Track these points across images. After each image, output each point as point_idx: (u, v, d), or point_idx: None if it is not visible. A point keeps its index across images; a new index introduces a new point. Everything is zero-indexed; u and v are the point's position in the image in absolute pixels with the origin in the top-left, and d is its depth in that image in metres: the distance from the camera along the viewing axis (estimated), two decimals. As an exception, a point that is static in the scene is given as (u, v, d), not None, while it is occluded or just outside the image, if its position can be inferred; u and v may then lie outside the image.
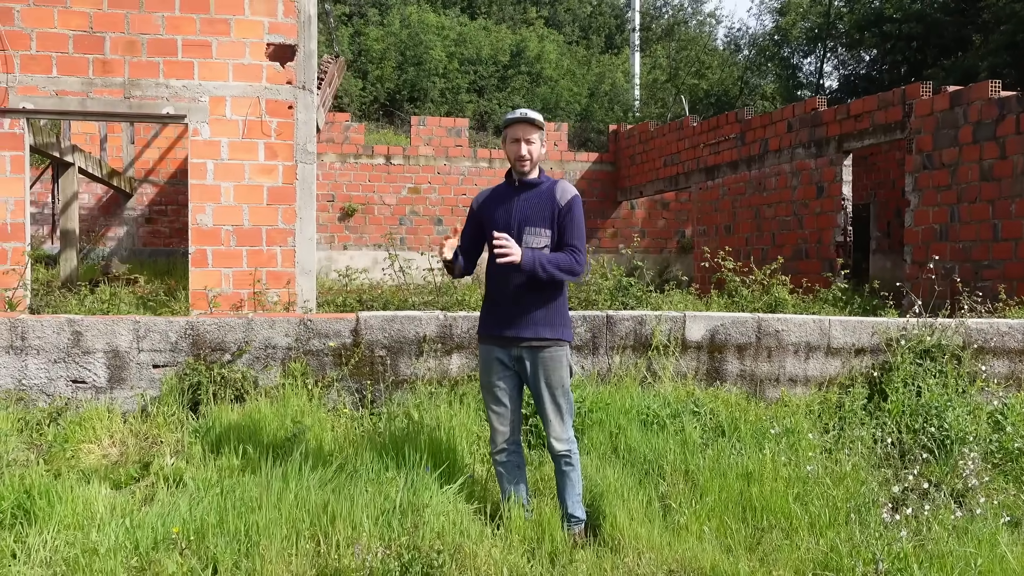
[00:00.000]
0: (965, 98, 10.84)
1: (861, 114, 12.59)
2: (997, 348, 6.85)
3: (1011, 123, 10.14)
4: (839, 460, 5.38)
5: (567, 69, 33.77)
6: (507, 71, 32.20)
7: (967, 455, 5.12)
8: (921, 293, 8.82)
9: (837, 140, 13.02)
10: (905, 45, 21.49)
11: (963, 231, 10.80)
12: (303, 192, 8.96)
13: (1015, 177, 10.08)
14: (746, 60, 32.46)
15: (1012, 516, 4.76)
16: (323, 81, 10.92)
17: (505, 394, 4.26)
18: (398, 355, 5.89)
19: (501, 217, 4.22)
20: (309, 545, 3.77)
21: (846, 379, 6.59)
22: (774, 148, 14.52)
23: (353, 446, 4.99)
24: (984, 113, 10.51)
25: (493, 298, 4.27)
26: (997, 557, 4.18)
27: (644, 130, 19.57)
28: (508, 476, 4.34)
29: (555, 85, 32.37)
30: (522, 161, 4.19)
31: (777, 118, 14.59)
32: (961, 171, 10.82)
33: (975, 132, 10.64)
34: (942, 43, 20.77)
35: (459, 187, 19.88)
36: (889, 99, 12.14)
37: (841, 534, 4.35)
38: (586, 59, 35.76)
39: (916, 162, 11.56)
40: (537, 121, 4.14)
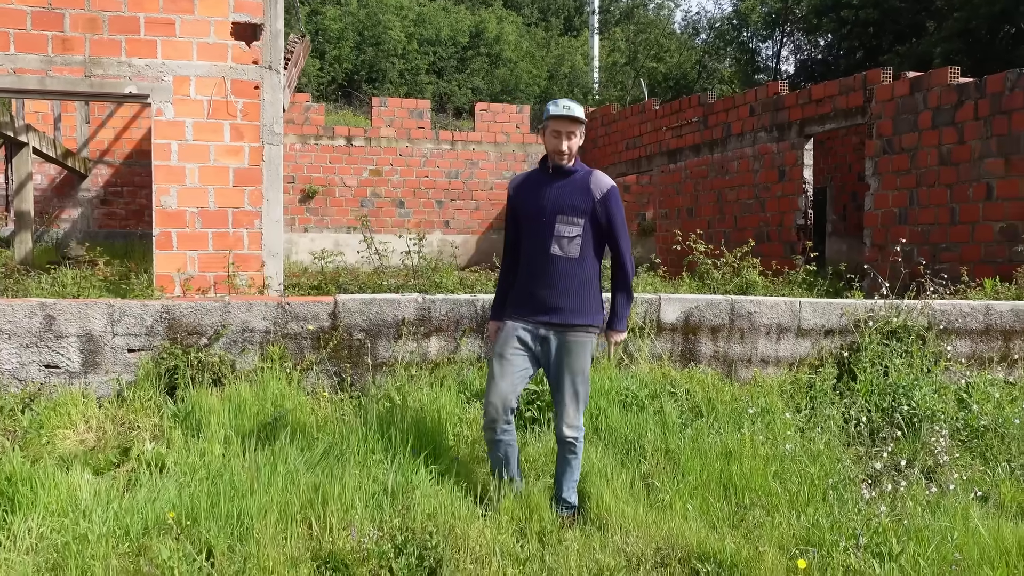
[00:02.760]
0: (925, 84, 11.05)
1: (823, 99, 12.77)
2: (960, 329, 7.03)
3: (969, 109, 10.36)
4: (812, 439, 5.50)
5: (526, 51, 33.73)
6: (466, 52, 32.05)
7: (938, 433, 5.27)
8: (881, 276, 9.00)
9: (799, 124, 13.19)
10: (862, 30, 21.80)
11: (922, 215, 11.03)
12: (270, 174, 8.85)
13: (973, 162, 10.31)
14: (704, 44, 32.66)
15: (980, 491, 4.91)
16: (289, 61, 10.77)
17: (513, 369, 4.21)
18: (377, 338, 5.87)
19: (534, 204, 4.24)
20: (302, 528, 3.76)
21: (816, 359, 6.72)
22: (736, 132, 14.67)
23: (337, 429, 4.97)
24: (943, 99, 10.72)
25: (528, 282, 4.25)
26: (970, 530, 4.32)
27: (607, 113, 19.63)
28: (499, 451, 4.32)
29: (514, 67, 32.32)
30: (560, 155, 4.20)
31: (739, 102, 14.73)
32: (920, 156, 11.05)
33: (934, 117, 10.86)
34: (898, 29, 21.11)
35: (421, 169, 19.80)
36: (850, 84, 12.33)
37: (821, 510, 4.45)
38: (545, 41, 35.73)
39: (876, 147, 11.77)
40: (581, 118, 4.14)
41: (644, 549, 4.02)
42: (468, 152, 20.14)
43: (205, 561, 3.50)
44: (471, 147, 20.19)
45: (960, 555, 3.99)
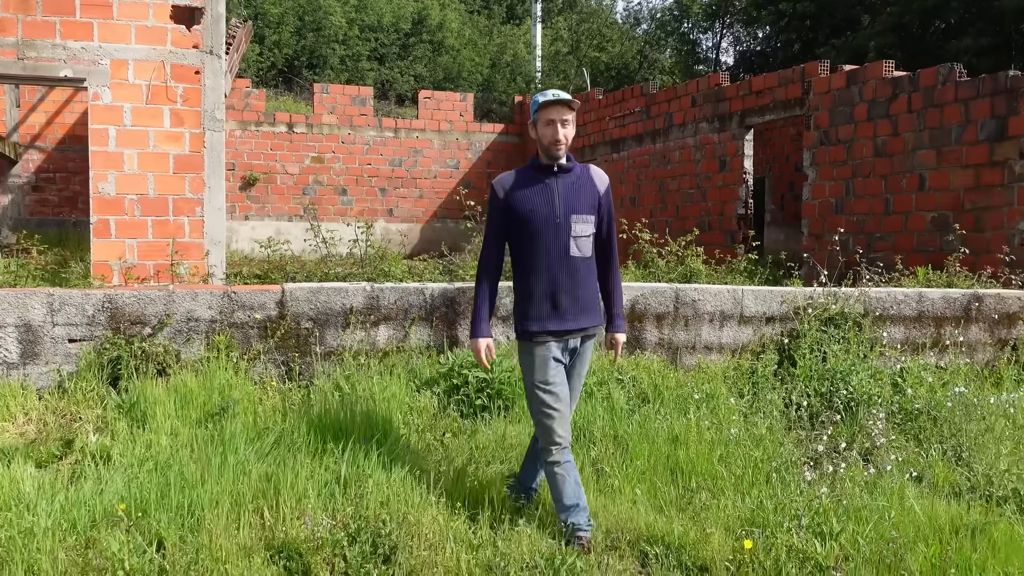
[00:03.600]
0: (861, 77, 11.32)
1: (763, 90, 13.00)
2: (895, 316, 7.26)
3: (903, 102, 10.66)
4: (755, 423, 5.63)
5: (469, 39, 33.60)
6: (408, 39, 31.80)
7: (875, 416, 5.44)
8: (818, 264, 9.23)
9: (740, 115, 13.41)
10: (799, 23, 22.21)
11: (857, 205, 11.32)
12: (211, 160, 8.70)
13: (906, 154, 10.61)
14: (645, 34, 32.93)
15: (915, 471, 5.09)
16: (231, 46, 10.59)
17: (564, 390, 4.01)
18: (325, 327, 5.84)
19: (542, 206, 3.97)
20: (254, 518, 3.74)
21: (757, 346, 6.87)
22: (678, 122, 14.85)
23: (286, 419, 4.95)
24: (878, 92, 11.00)
25: (546, 291, 3.98)
26: (906, 509, 4.48)
27: (550, 102, 19.68)
28: (568, 485, 4.04)
29: (457, 54, 32.18)
30: (558, 145, 3.95)
31: (682, 93, 14.91)
32: (856, 147, 11.33)
33: (870, 110, 11.14)
34: (833, 22, 21.56)
35: (364, 157, 19.63)
36: (789, 76, 12.57)
37: (765, 492, 4.57)
38: (488, 29, 35.64)
39: (814, 138, 12.03)
40: (573, 103, 3.94)
41: (595, 533, 4.09)
42: (412, 140, 20.03)
43: (156, 553, 3.47)
44: (415, 135, 20.08)
45: (896, 533, 4.13)
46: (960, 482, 5.10)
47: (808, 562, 3.88)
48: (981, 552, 4.03)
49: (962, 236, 9.40)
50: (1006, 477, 5.04)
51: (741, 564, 3.84)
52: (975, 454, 5.42)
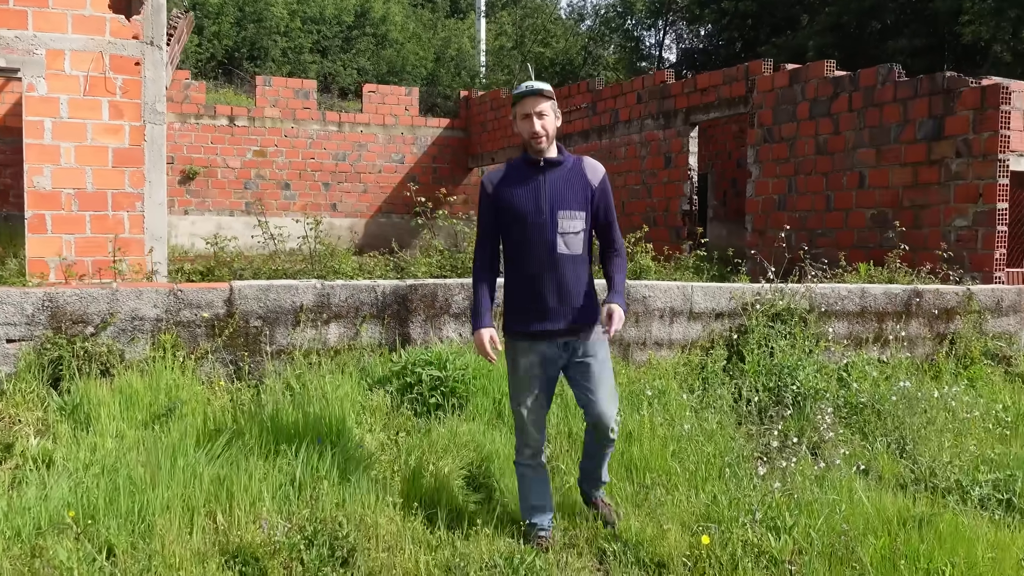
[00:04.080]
0: (803, 76, 11.52)
1: (707, 88, 13.16)
2: (839, 311, 7.40)
3: (844, 101, 10.87)
4: (706, 418, 5.69)
5: (413, 32, 33.37)
6: (351, 32, 31.46)
7: (823, 411, 5.53)
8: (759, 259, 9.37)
9: (685, 112, 13.55)
10: (741, 22, 22.54)
11: (800, 201, 11.53)
12: (152, 154, 8.48)
13: (847, 152, 10.83)
14: (589, 30, 33.09)
15: (862, 465, 5.20)
16: (172, 37, 10.33)
17: (545, 391, 3.99)
18: (275, 325, 5.73)
19: (528, 201, 3.85)
20: (207, 522, 3.66)
21: (707, 342, 6.94)
22: (624, 119, 14.95)
23: (236, 419, 4.84)
24: (820, 91, 11.21)
25: (533, 289, 3.90)
26: (855, 502, 4.57)
27: (496, 97, 19.68)
28: (538, 487, 4.07)
29: (401, 48, 31.94)
30: (537, 138, 3.82)
31: (627, 89, 15.01)
32: (799, 145, 11.53)
33: (812, 108, 11.34)
34: (774, 21, 21.92)
35: (307, 151, 19.37)
36: (733, 75, 12.74)
37: (718, 487, 4.62)
38: (432, 23, 35.44)
39: (758, 135, 12.21)
40: (546, 91, 3.82)
41: (552, 531, 4.09)
42: (356, 134, 19.82)
43: (106, 561, 3.36)
44: (359, 129, 19.87)
45: (847, 526, 4.21)
46: (905, 474, 5.22)
47: (763, 556, 3.93)
48: (928, 543, 4.13)
49: (901, 233, 9.62)
50: (949, 469, 5.17)
51: (698, 560, 3.88)
52: (918, 447, 5.56)
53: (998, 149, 9.04)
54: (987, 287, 8.27)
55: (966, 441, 5.61)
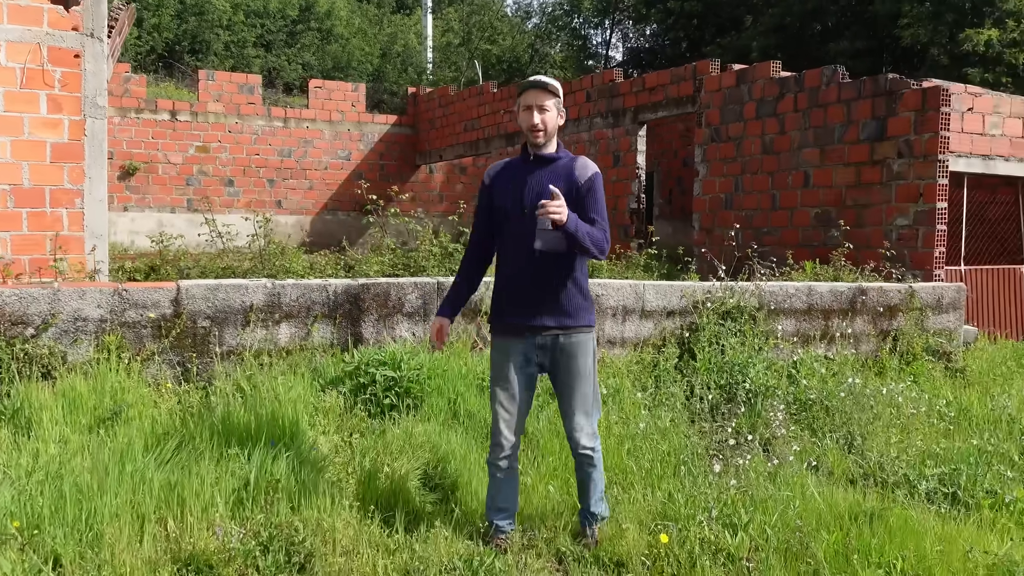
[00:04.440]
0: (750, 76, 11.67)
1: (656, 87, 13.25)
2: (787, 309, 7.51)
3: (790, 101, 11.04)
4: (659, 416, 5.72)
5: (358, 27, 33.06)
6: (296, 26, 31.03)
7: (775, 408, 5.60)
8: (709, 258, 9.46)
9: (633, 111, 13.64)
10: (687, 22, 22.77)
11: (746, 200, 11.68)
12: (92, 149, 8.24)
13: (792, 151, 11.01)
14: (536, 28, 33.13)
15: (813, 461, 5.28)
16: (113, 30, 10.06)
17: (522, 390, 3.91)
18: (224, 325, 5.61)
19: (514, 196, 3.84)
20: (158, 530, 3.56)
21: (659, 340, 6.99)
22: (573, 117, 14.99)
23: (185, 422, 4.73)
24: (766, 91, 11.37)
25: (512, 285, 3.88)
26: (807, 498, 4.63)
27: (444, 94, 19.58)
28: (506, 488, 4.02)
29: (346, 43, 31.62)
30: (535, 131, 3.78)
31: (576, 88, 15.05)
32: (745, 144, 11.68)
33: (758, 108, 11.50)
34: (719, 22, 22.19)
35: (252, 147, 19.06)
36: (681, 74, 12.85)
37: (673, 485, 4.65)
38: (378, 18, 35.16)
39: (705, 135, 12.34)
40: (551, 86, 3.77)
41: (511, 533, 4.06)
42: (302, 130, 19.56)
43: (52, 572, 3.25)
44: (305, 125, 19.62)
45: (801, 522, 4.27)
46: (854, 470, 5.31)
47: (720, 553, 3.96)
48: (879, 537, 4.20)
49: (845, 231, 9.80)
50: (896, 463, 5.27)
51: (657, 558, 3.89)
52: (867, 442, 5.66)
53: (938, 150, 9.26)
54: (928, 285, 8.47)
55: (912, 436, 5.73)
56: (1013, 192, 10.46)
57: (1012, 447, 5.71)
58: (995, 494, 4.95)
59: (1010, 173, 10.11)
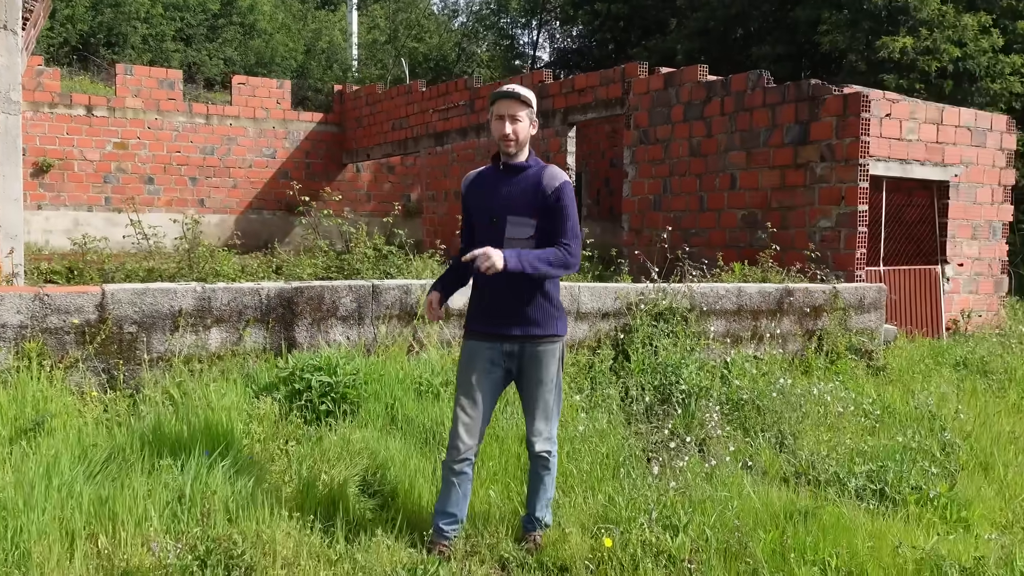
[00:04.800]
0: (677, 80, 11.84)
1: (585, 88, 13.35)
2: (718, 310, 7.63)
3: (716, 105, 11.24)
4: (596, 418, 5.76)
5: (282, 23, 32.54)
6: (217, 20, 30.37)
7: (711, 408, 5.69)
8: (634, 259, 9.57)
9: (563, 113, 13.71)
10: (613, 24, 22.99)
11: (674, 202, 11.85)
12: (7, 146, 7.91)
13: (719, 154, 11.21)
14: (463, 27, 33.06)
15: (747, 460, 5.38)
16: (27, 22, 9.66)
17: (484, 397, 3.93)
18: (151, 331, 5.44)
19: (483, 203, 3.89)
20: (89, 546, 3.42)
21: (593, 342, 7.03)
22: (502, 117, 14.98)
23: (112, 433, 4.56)
24: (694, 94, 11.55)
25: (482, 290, 3.94)
26: (744, 498, 4.72)
27: (372, 92, 19.39)
28: (456, 493, 3.98)
29: (270, 39, 31.09)
30: (507, 140, 3.83)
31: (505, 88, 15.05)
32: (673, 147, 11.85)
33: (686, 111, 11.68)
34: (645, 24, 22.48)
35: (172, 144, 18.56)
36: (611, 76, 12.97)
37: (613, 487, 4.67)
38: (302, 14, 34.67)
39: (634, 137, 12.48)
40: (525, 97, 3.82)
41: (455, 540, 4.04)
42: (225, 127, 19.12)
43: (-24, 594, 3.10)
44: (228, 122, 19.19)
45: (739, 521, 4.34)
46: (787, 468, 5.43)
47: (662, 555, 4.00)
48: (814, 535, 4.30)
49: (772, 233, 10.02)
50: (827, 462, 5.41)
51: (601, 562, 3.91)
52: (797, 441, 5.79)
53: (859, 154, 9.54)
54: (851, 285, 8.71)
55: (842, 435, 5.88)
56: (928, 195, 10.84)
57: (934, 443, 5.90)
58: (920, 490, 5.12)
59: (926, 177, 10.47)
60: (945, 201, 10.71)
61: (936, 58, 15.29)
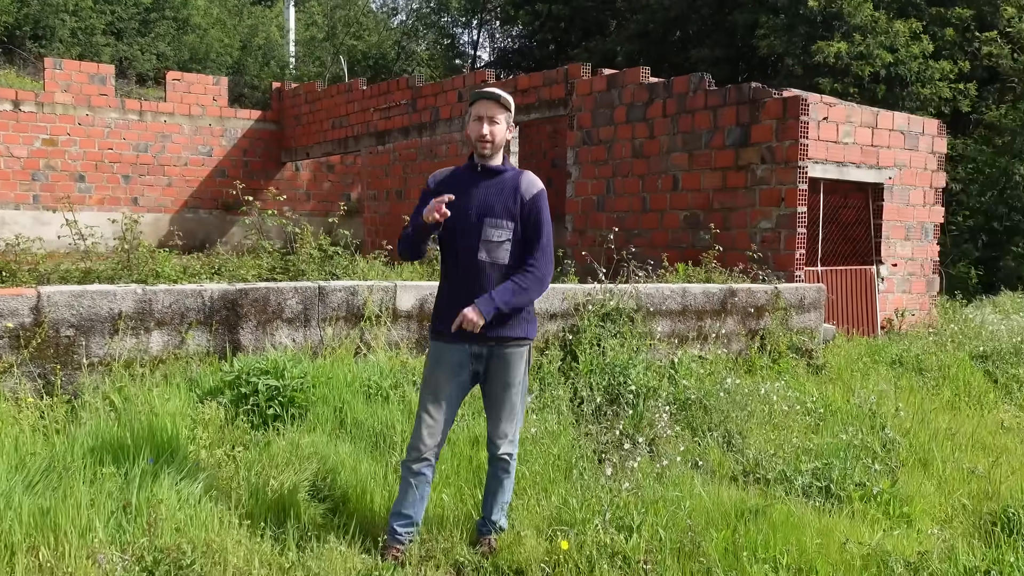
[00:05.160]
0: (620, 81, 11.92)
1: (528, 89, 13.36)
2: (663, 310, 7.70)
3: (659, 107, 11.35)
4: (546, 420, 5.76)
5: (217, 18, 31.88)
6: (150, 14, 29.60)
7: (661, 408, 5.73)
8: (589, 260, 9.61)
9: (506, 112, 13.70)
10: (554, 25, 23.07)
11: (618, 202, 11.93)
12: (-68, 142, 7.61)
13: (661, 155, 11.31)
14: (402, 25, 32.85)
15: (696, 460, 5.43)
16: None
17: (449, 400, 3.94)
18: (90, 334, 5.26)
19: (460, 204, 3.85)
20: (31, 560, 3.29)
21: (542, 342, 7.03)
22: (445, 116, 14.93)
23: (50, 440, 4.40)
24: (636, 96, 11.64)
25: (452, 293, 3.93)
26: (694, 497, 4.76)
27: (311, 90, 19.13)
28: (419, 489, 3.96)
29: (204, 34, 30.42)
30: (484, 142, 3.85)
31: (448, 87, 15.00)
32: (616, 148, 11.93)
33: (628, 113, 11.76)
34: (585, 26, 22.60)
35: (104, 140, 18.03)
36: (554, 77, 13.00)
37: (566, 489, 4.67)
38: (237, 9, 34.01)
39: (577, 137, 12.53)
40: (504, 100, 3.86)
41: (409, 545, 3.99)
42: (159, 124, 18.66)
43: (-90, 613, 2.95)
44: (162, 119, 18.72)
45: (691, 521, 4.38)
46: (735, 467, 5.50)
47: (617, 556, 4.01)
48: (765, 533, 4.36)
49: (715, 234, 10.15)
50: (773, 460, 5.49)
51: (557, 564, 3.90)
52: (744, 440, 5.87)
53: (798, 157, 9.71)
54: (792, 286, 8.88)
55: (788, 433, 5.98)
56: (863, 197, 11.09)
57: (875, 440, 6.05)
58: (864, 486, 5.23)
59: (861, 179, 10.72)
60: (880, 203, 10.97)
61: (869, 63, 15.67)
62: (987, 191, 15.78)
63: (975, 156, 16.36)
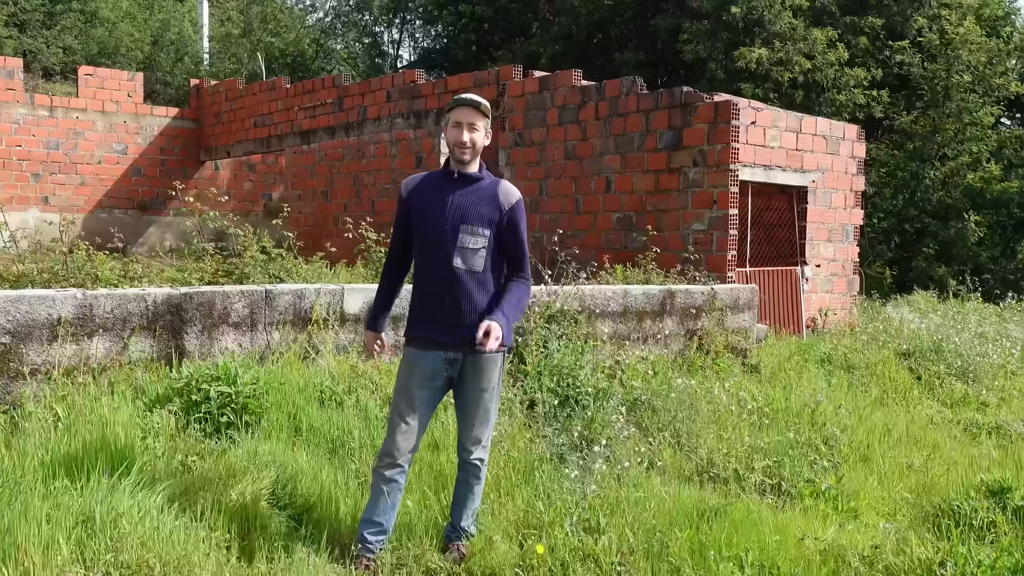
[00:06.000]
0: (552, 84, 11.99)
1: (458, 90, 13.31)
2: (606, 312, 7.77)
3: (591, 109, 11.46)
4: (501, 423, 5.74)
5: (127, 11, 30.81)
6: (55, 7, 28.43)
7: (616, 409, 5.78)
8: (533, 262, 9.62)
9: (436, 113, 13.64)
10: (477, 25, 23.06)
11: (551, 204, 12.00)
12: None
13: (594, 158, 11.43)
14: (321, 23, 32.36)
15: (657, 461, 5.49)
16: None
17: (424, 405, 3.91)
18: (27, 341, 5.02)
19: (435, 212, 3.86)
20: (-10, 582, 3.12)
21: (489, 345, 7.00)
22: (373, 116, 14.78)
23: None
24: (569, 99, 11.73)
25: (428, 298, 3.90)
26: (656, 497, 4.82)
27: (232, 88, 18.69)
28: (390, 496, 3.91)
29: (113, 28, 29.37)
30: (463, 148, 3.84)
31: (376, 87, 14.84)
32: (549, 150, 12.00)
33: (561, 115, 11.84)
34: (509, 27, 22.67)
35: (12, 137, 17.26)
36: (485, 78, 13.00)
37: (530, 492, 4.67)
38: (148, 3, 32.93)
39: (509, 139, 12.56)
40: (483, 106, 3.85)
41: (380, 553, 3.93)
42: (71, 120, 17.95)
43: None
44: (74, 115, 18.02)
45: (655, 522, 4.43)
46: (688, 467, 5.59)
47: (589, 559, 4.03)
48: (727, 532, 4.44)
49: (651, 236, 10.30)
50: (726, 459, 5.60)
51: (531, 568, 3.89)
52: (695, 439, 5.97)
53: (729, 160, 9.94)
54: (727, 287, 9.07)
55: (739, 432, 6.10)
56: (787, 199, 11.42)
57: (817, 437, 6.22)
58: (813, 483, 5.38)
59: (787, 182, 11.03)
60: (804, 205, 11.30)
61: (788, 69, 16.16)
62: (899, 194, 16.44)
63: (887, 160, 17.02)
